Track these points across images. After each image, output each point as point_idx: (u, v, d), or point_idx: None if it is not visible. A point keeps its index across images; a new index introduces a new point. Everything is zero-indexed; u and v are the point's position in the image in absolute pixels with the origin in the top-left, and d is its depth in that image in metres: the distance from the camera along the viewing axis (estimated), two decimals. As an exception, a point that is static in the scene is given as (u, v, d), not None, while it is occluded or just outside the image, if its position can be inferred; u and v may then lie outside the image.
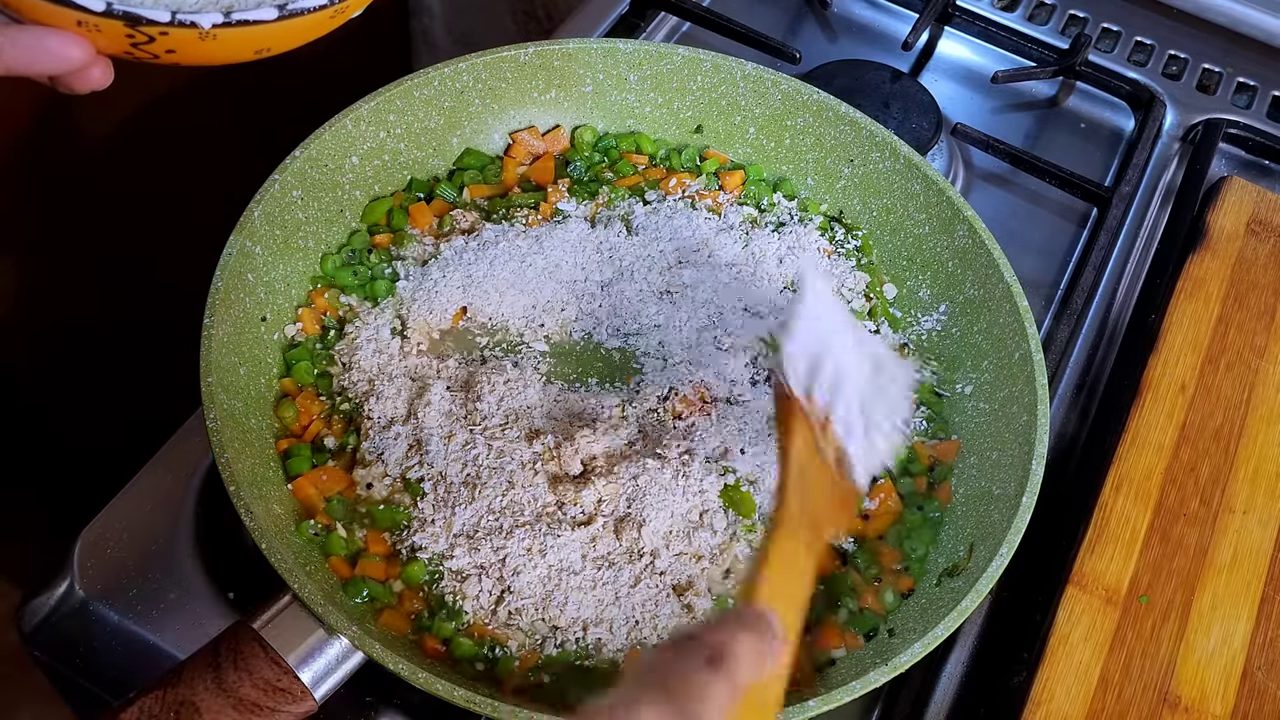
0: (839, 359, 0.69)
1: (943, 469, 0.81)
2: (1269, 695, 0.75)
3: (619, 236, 0.87)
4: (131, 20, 0.52)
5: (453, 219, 0.87)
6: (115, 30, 0.53)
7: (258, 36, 0.56)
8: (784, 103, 0.92)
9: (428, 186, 0.90)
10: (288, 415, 0.76)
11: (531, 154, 0.94)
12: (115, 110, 1.14)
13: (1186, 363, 0.90)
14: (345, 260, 0.85)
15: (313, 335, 0.81)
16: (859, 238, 0.92)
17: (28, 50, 0.53)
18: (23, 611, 0.75)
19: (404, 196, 0.89)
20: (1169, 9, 1.22)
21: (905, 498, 0.79)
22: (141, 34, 0.53)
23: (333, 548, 0.71)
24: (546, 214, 0.88)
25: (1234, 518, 0.83)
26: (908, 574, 0.76)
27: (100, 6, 0.51)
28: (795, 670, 0.68)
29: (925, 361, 0.87)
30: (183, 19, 0.53)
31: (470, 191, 0.90)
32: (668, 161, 0.95)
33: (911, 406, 0.78)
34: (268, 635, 0.62)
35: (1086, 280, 0.96)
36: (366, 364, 0.79)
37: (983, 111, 1.13)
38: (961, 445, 0.82)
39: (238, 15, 0.54)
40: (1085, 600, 0.78)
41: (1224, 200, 1.02)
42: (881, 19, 1.19)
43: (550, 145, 0.94)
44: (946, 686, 0.78)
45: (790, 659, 0.54)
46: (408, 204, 0.88)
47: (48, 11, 0.52)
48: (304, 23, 0.56)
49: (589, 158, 0.93)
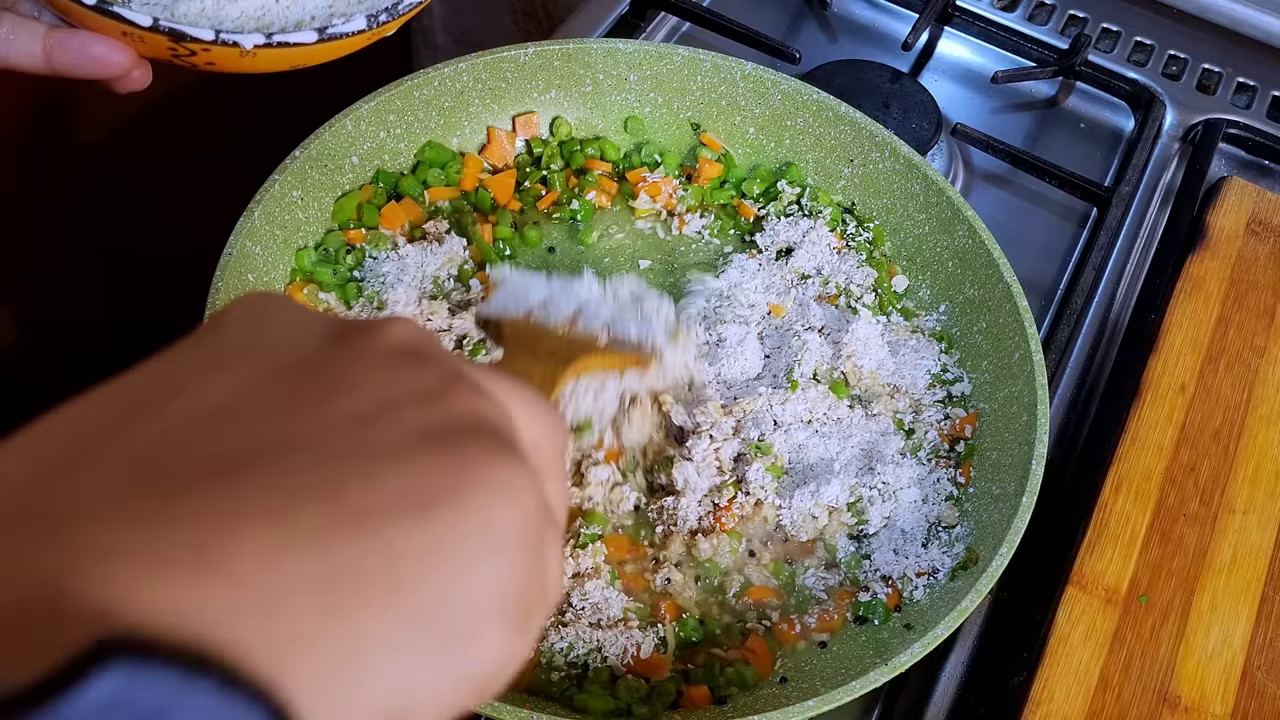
0: (564, 301, 0.65)
1: (966, 447, 0.81)
2: (1269, 695, 0.75)
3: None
4: (176, 36, 0.53)
5: (424, 230, 0.87)
6: (159, 42, 0.54)
7: (295, 56, 0.57)
8: (784, 103, 0.92)
9: (394, 180, 0.88)
10: None
11: (502, 161, 0.92)
12: (116, 110, 1.14)
13: (1186, 363, 0.90)
14: (321, 258, 0.84)
15: None
16: (871, 230, 0.92)
17: (74, 54, 0.55)
18: (23, 611, 0.75)
19: (372, 190, 0.87)
20: (1169, 9, 1.22)
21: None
22: (185, 48, 0.54)
23: None
24: (477, 259, 0.86)
25: (1234, 518, 0.83)
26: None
27: (147, 22, 0.52)
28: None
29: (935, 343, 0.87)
30: (226, 39, 0.54)
31: (430, 194, 0.89)
32: (627, 162, 0.94)
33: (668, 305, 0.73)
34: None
35: (1086, 280, 0.96)
36: None
37: (983, 111, 1.13)
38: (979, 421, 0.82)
39: (279, 38, 0.55)
40: (1085, 600, 0.78)
41: (1224, 200, 1.02)
42: (881, 19, 1.19)
43: (522, 130, 0.93)
44: (946, 686, 0.78)
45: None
46: (376, 200, 0.87)
47: (96, 21, 0.53)
48: (340, 44, 0.57)
49: (553, 152, 0.92)
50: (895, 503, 0.77)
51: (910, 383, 0.84)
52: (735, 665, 0.71)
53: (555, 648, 0.70)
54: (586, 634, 0.70)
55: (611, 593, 0.72)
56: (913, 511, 0.77)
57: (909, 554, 0.76)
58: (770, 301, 0.86)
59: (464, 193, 0.90)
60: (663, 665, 0.71)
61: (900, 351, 0.85)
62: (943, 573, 0.74)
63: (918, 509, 0.78)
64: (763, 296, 0.86)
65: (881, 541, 0.77)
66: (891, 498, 0.77)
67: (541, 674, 0.69)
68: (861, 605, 0.74)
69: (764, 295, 0.86)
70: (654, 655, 0.71)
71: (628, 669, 0.70)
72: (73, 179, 1.15)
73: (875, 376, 0.83)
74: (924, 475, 0.79)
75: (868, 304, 0.88)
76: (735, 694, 0.70)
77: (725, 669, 0.71)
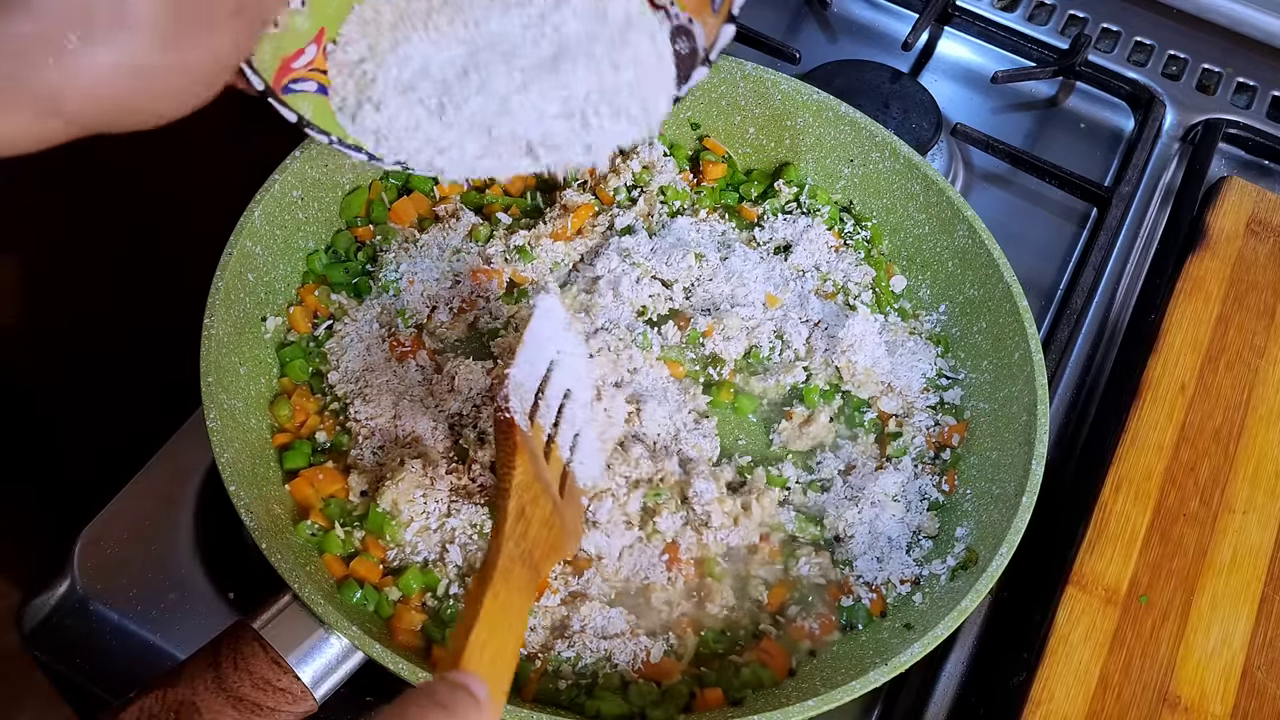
0: (562, 378, 0.67)
1: (952, 455, 0.81)
2: (1269, 695, 0.75)
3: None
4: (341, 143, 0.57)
5: (435, 214, 0.87)
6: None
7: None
8: (784, 103, 0.92)
9: (403, 175, 0.89)
10: (282, 414, 0.76)
11: None
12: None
13: (1186, 363, 0.90)
14: (332, 260, 0.84)
15: (305, 333, 0.81)
16: (869, 228, 0.92)
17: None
18: (23, 611, 0.75)
19: (381, 186, 0.88)
20: (1169, 9, 1.22)
21: None
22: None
23: (329, 546, 0.71)
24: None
25: (1234, 518, 0.83)
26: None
27: (325, 140, 0.56)
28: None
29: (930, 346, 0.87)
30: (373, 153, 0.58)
31: (440, 189, 0.89)
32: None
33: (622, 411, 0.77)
34: (268, 635, 0.62)
35: (1086, 280, 0.96)
36: (355, 364, 0.79)
37: (983, 111, 1.13)
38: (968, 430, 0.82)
39: (409, 165, 0.58)
40: (1085, 600, 0.78)
41: (1224, 200, 1.02)
42: (881, 19, 1.19)
43: None
44: (946, 686, 0.78)
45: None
46: (386, 196, 0.87)
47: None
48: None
49: None
50: (876, 510, 0.77)
51: (905, 384, 0.84)
52: (750, 666, 0.70)
53: (562, 656, 0.69)
54: (593, 644, 0.69)
55: (613, 613, 0.71)
56: (894, 520, 0.77)
57: (892, 560, 0.75)
58: (768, 292, 0.86)
59: (474, 187, 0.91)
60: (674, 670, 0.70)
61: (897, 352, 0.85)
62: (943, 577, 0.74)
63: (899, 519, 0.78)
64: (761, 287, 0.86)
65: (862, 548, 0.76)
66: (871, 505, 0.77)
67: (549, 683, 0.69)
68: (845, 611, 0.74)
69: (763, 286, 0.86)
70: (665, 660, 0.70)
71: (639, 674, 0.70)
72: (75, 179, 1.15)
73: (870, 373, 0.83)
74: (906, 483, 0.79)
75: (865, 302, 0.88)
76: (750, 696, 0.69)
77: (740, 670, 0.70)
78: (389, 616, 0.69)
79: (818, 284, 0.88)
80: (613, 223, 0.88)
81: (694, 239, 0.88)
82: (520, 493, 0.61)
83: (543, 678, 0.69)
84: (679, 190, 0.91)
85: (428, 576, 0.71)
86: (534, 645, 0.70)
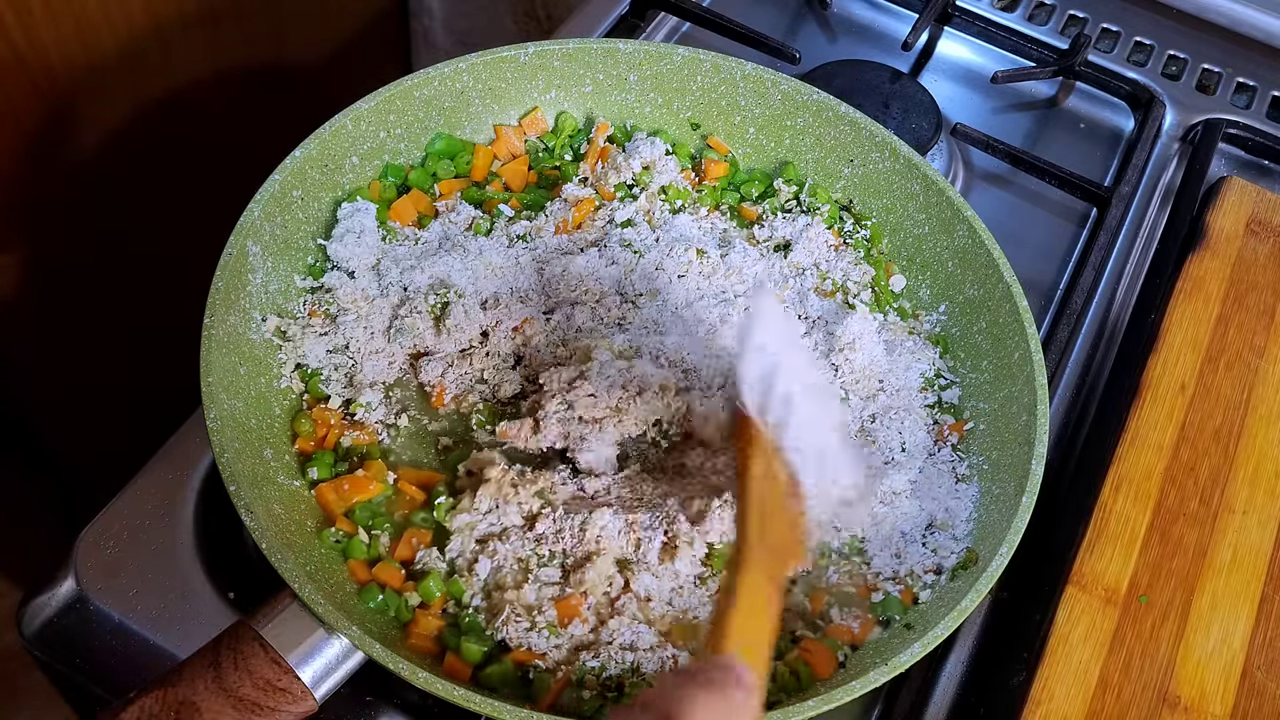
0: (789, 384, 0.66)
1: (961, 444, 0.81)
2: (1269, 695, 0.75)
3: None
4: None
5: (435, 210, 0.88)
6: None
7: None
8: (784, 103, 0.92)
9: (402, 173, 0.89)
10: (304, 429, 0.76)
11: (510, 153, 0.93)
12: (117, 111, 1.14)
13: (1186, 363, 0.90)
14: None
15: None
16: (869, 227, 0.92)
17: None
18: (23, 611, 0.75)
19: (380, 185, 0.88)
20: (1169, 9, 1.22)
21: None
22: None
23: (353, 552, 0.71)
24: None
25: (1234, 518, 0.83)
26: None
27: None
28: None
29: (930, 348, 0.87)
30: None
31: (441, 187, 0.89)
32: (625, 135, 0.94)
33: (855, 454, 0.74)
34: (268, 635, 0.62)
35: (1086, 280, 0.96)
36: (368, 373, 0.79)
37: (983, 111, 1.13)
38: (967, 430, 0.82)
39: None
40: (1085, 600, 0.78)
41: (1223, 200, 1.02)
42: (881, 19, 1.19)
43: (529, 128, 0.93)
44: (946, 686, 0.78)
45: (760, 706, 0.48)
46: (386, 195, 0.87)
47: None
48: None
49: (565, 142, 0.93)
50: (887, 509, 0.77)
51: (903, 383, 0.83)
52: (792, 665, 0.69)
53: (586, 666, 0.67)
54: (619, 655, 0.68)
55: (643, 628, 0.69)
56: (906, 516, 0.77)
57: (909, 555, 0.75)
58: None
59: (474, 183, 0.91)
60: None
61: (896, 351, 0.85)
62: (944, 573, 0.74)
63: (913, 514, 0.77)
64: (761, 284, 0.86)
65: (877, 547, 0.76)
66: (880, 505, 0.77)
67: (571, 692, 0.67)
68: (877, 606, 0.73)
69: (763, 282, 0.86)
70: None
71: None
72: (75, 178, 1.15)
73: (867, 372, 0.83)
74: (917, 477, 0.79)
75: (865, 300, 0.88)
76: (784, 699, 0.67)
77: (776, 673, 0.69)
78: (408, 621, 0.69)
79: (817, 282, 0.89)
80: (613, 216, 0.88)
81: (695, 235, 0.88)
82: (758, 482, 0.61)
83: (565, 688, 0.67)
84: (680, 189, 0.91)
85: (452, 585, 0.70)
86: (555, 660, 0.68)
